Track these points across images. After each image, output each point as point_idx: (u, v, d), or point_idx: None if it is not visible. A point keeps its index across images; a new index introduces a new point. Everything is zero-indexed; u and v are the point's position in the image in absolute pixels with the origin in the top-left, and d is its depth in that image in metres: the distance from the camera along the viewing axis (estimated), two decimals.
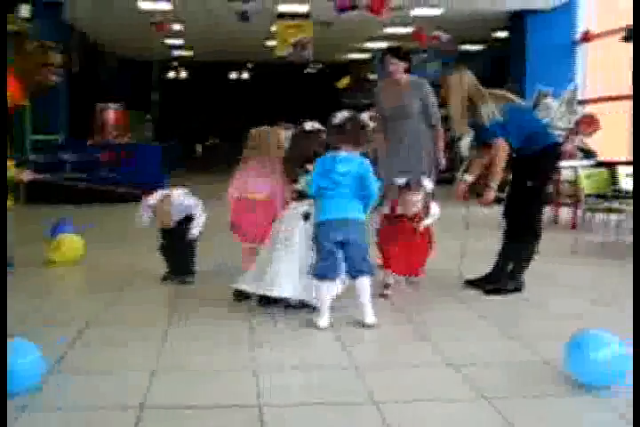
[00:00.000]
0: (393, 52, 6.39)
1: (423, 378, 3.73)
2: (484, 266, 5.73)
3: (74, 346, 4.19)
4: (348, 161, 4.54)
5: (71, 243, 6.70)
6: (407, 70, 6.32)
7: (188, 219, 5.81)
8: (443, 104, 5.74)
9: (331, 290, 4.60)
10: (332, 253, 4.51)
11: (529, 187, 5.39)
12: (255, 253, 5.04)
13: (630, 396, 3.29)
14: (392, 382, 3.66)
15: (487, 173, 5.48)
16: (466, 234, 6.09)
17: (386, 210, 5.57)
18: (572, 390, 3.53)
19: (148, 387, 3.52)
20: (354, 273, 4.58)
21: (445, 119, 5.97)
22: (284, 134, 5.38)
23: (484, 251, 5.91)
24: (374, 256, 5.26)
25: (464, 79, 5.42)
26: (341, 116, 4.66)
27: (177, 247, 5.86)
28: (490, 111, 5.31)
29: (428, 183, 5.56)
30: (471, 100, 5.38)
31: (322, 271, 4.53)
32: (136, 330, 4.59)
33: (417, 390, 3.55)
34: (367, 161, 4.64)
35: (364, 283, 4.56)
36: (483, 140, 5.63)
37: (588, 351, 3.50)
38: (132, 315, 4.97)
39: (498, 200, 5.56)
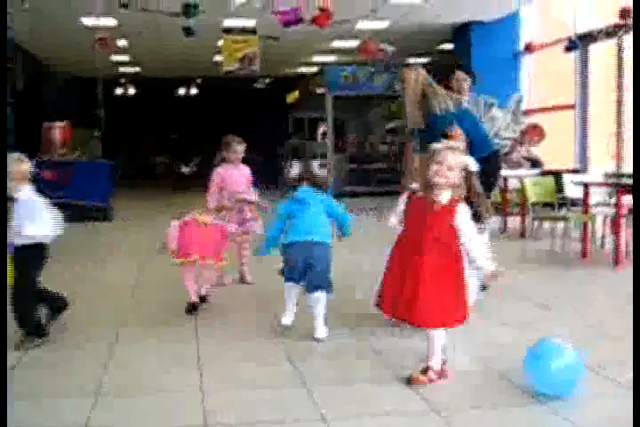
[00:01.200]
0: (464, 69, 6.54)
1: (374, 391, 3.69)
2: None
3: (15, 369, 4.07)
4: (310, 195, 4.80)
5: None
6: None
7: None
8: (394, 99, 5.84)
9: (294, 292, 4.82)
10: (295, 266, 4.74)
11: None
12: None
13: (582, 406, 3.30)
14: (342, 398, 3.61)
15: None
16: None
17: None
18: (526, 401, 3.52)
19: (91, 410, 3.43)
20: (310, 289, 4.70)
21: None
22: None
23: None
24: None
25: (418, 74, 5.51)
26: (294, 172, 4.68)
27: None
28: (443, 102, 5.40)
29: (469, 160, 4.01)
30: (425, 94, 5.45)
31: (287, 275, 4.79)
32: (78, 351, 4.49)
33: (368, 406, 3.51)
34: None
35: (319, 296, 4.66)
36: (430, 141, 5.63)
37: (546, 362, 3.50)
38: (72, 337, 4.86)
39: None
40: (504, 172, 9.56)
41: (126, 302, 5.87)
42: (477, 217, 3.98)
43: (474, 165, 3.96)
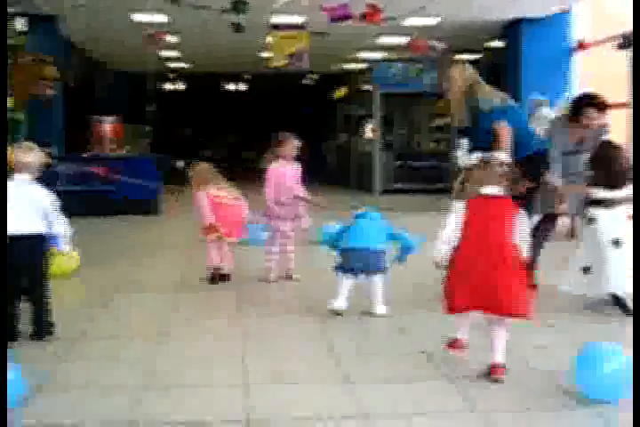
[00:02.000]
0: (593, 103, 5.89)
1: (416, 391, 3.68)
2: None
3: (60, 362, 4.13)
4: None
5: (62, 258, 6.56)
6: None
7: None
8: (441, 97, 5.73)
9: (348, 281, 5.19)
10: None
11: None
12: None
13: (627, 410, 3.24)
14: (387, 396, 3.59)
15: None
16: None
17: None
18: (573, 404, 3.47)
19: (137, 403, 3.47)
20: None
21: None
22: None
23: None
24: None
25: (464, 71, 5.45)
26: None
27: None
28: (490, 99, 5.33)
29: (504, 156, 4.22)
30: (472, 91, 5.39)
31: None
32: (127, 345, 4.54)
33: (411, 404, 3.49)
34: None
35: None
36: (475, 144, 5.56)
37: (596, 365, 3.45)
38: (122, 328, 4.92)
39: None
40: None
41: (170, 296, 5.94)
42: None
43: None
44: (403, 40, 14.91)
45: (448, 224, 4.02)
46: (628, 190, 5.18)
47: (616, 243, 5.11)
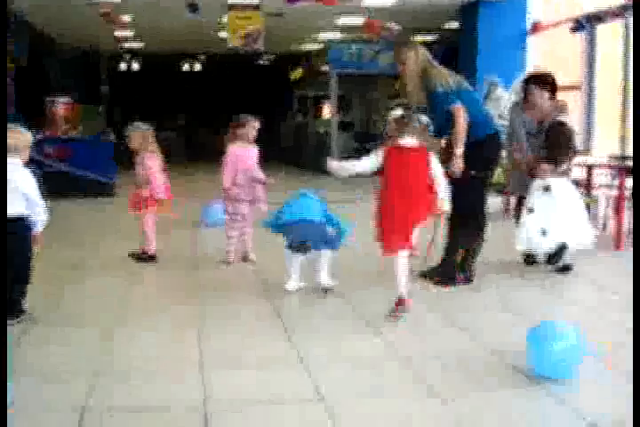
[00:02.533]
0: (537, 80, 6.09)
1: (372, 373, 3.71)
2: None
3: (15, 346, 4.08)
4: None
5: None
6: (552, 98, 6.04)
7: None
8: (397, 77, 5.78)
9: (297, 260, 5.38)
10: None
11: (472, 176, 5.38)
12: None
13: (581, 389, 3.32)
14: (341, 378, 3.62)
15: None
16: (435, 227, 5.64)
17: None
18: (524, 383, 3.53)
19: (91, 388, 3.45)
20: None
21: None
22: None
23: None
24: None
25: (418, 53, 5.46)
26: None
27: None
28: (444, 80, 5.35)
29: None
30: (425, 72, 5.40)
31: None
32: (80, 329, 4.51)
33: (366, 387, 3.52)
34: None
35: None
36: (434, 127, 5.60)
37: (546, 343, 3.50)
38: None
39: None
40: None
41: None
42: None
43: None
44: (360, 21, 14.88)
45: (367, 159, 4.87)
46: (567, 165, 5.92)
47: (572, 208, 5.77)
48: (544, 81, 6.04)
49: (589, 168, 7.67)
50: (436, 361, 3.86)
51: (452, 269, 5.60)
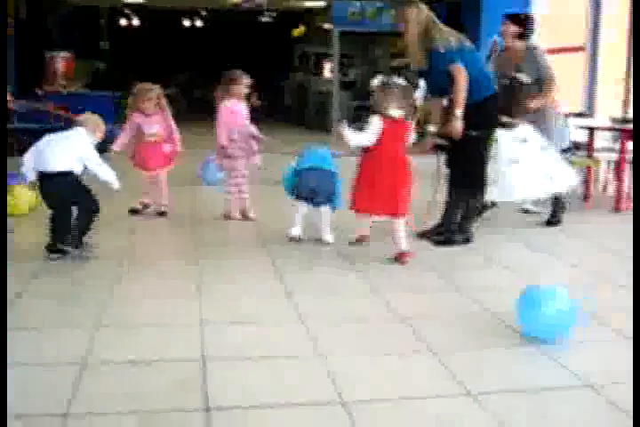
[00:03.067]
0: (511, 15, 6.42)
1: (370, 331, 3.75)
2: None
3: (13, 302, 4.12)
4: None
5: (20, 195, 6.50)
6: (522, 37, 6.31)
7: None
8: (399, 35, 5.74)
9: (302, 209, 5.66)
10: None
11: (473, 136, 5.37)
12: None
13: (573, 349, 3.36)
14: (342, 337, 3.66)
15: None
16: (435, 187, 5.86)
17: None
18: (517, 343, 3.58)
19: (90, 342, 3.49)
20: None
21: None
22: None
23: None
24: None
25: (420, 12, 5.39)
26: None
27: None
28: (446, 40, 5.30)
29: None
30: (427, 32, 5.34)
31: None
32: (81, 284, 4.54)
33: (365, 345, 3.56)
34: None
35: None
36: (436, 88, 5.59)
37: (538, 306, 3.53)
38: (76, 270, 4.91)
39: (440, 148, 5.57)
40: None
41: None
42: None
43: None
44: None
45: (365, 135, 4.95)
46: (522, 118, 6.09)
47: (513, 161, 5.94)
48: (516, 18, 6.35)
49: (591, 130, 7.64)
50: (434, 320, 3.90)
51: (451, 228, 5.63)
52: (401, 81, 5.03)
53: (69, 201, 5.04)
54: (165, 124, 6.58)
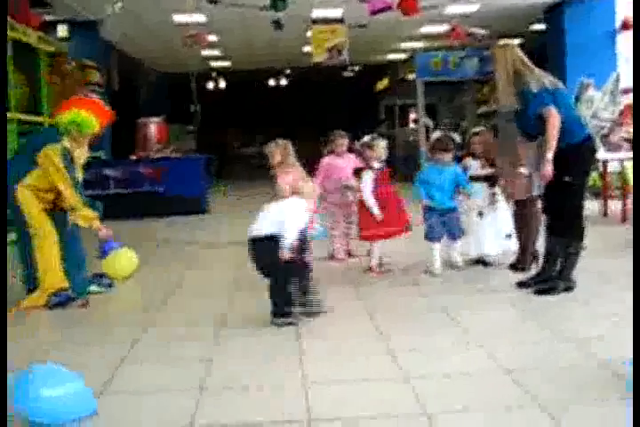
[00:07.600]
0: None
1: (476, 385, 3.66)
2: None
3: (121, 366, 4.19)
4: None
5: (126, 259, 6.69)
6: None
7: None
8: (484, 83, 5.76)
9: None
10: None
11: (567, 182, 5.24)
12: None
13: None
14: (443, 391, 3.58)
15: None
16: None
17: None
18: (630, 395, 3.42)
19: (197, 405, 3.50)
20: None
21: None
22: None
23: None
24: None
25: (510, 51, 5.38)
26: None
27: None
28: (538, 81, 5.23)
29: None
30: (518, 72, 5.31)
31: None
32: (185, 345, 4.59)
33: (468, 398, 3.47)
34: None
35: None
36: (526, 130, 5.51)
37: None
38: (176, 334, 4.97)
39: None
40: (603, 154, 9.29)
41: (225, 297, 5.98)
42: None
43: None
44: (444, 28, 14.82)
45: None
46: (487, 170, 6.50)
47: (480, 214, 6.44)
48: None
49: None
50: (539, 372, 3.77)
51: (552, 277, 5.48)
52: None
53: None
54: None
